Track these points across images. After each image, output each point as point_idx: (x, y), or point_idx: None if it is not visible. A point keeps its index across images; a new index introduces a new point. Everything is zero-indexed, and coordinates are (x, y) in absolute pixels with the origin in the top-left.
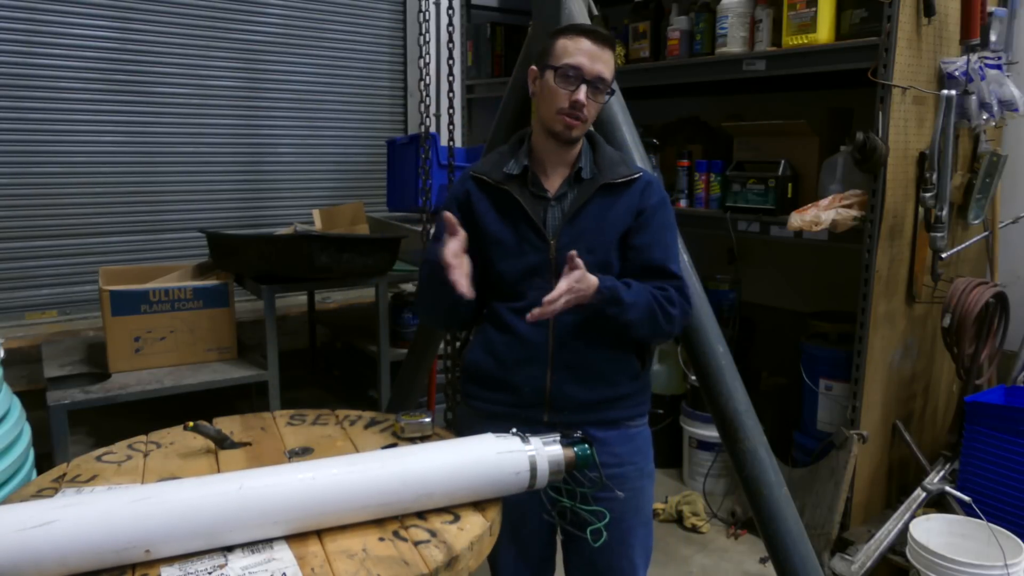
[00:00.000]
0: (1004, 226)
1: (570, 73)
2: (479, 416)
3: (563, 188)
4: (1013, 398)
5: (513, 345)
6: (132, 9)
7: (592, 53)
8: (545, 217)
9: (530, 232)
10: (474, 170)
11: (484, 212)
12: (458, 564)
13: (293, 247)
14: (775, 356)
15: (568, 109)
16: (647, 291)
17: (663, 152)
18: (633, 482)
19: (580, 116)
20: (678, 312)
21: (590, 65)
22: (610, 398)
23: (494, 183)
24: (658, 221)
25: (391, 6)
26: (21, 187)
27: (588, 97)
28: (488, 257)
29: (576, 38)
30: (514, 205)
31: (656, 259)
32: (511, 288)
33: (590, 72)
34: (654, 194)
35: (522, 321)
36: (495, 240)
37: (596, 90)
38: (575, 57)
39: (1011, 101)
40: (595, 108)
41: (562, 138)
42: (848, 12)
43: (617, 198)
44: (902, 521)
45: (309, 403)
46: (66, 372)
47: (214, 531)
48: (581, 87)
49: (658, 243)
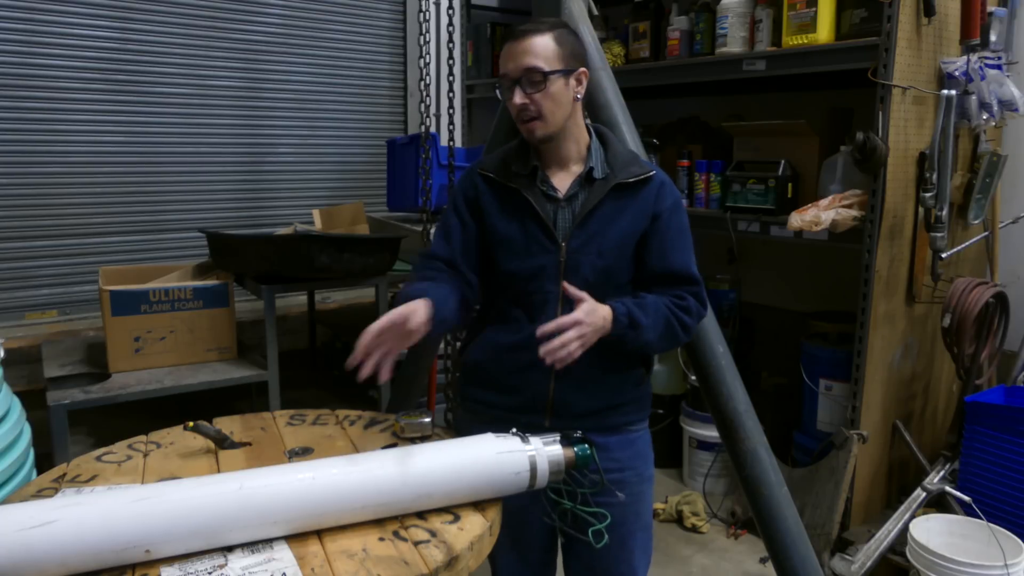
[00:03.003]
0: (1004, 226)
1: (501, 83)
2: (479, 421)
3: (574, 188)
4: (1013, 398)
5: (517, 349)
6: (132, 9)
7: (512, 51)
8: (555, 218)
9: (539, 232)
10: (481, 167)
11: (491, 210)
12: (458, 564)
13: (293, 247)
14: (775, 356)
15: (517, 115)
16: (662, 306)
17: (663, 152)
18: (633, 487)
19: (529, 116)
20: (693, 320)
21: (513, 64)
22: (613, 405)
23: (502, 181)
24: (675, 224)
25: (391, 6)
26: (21, 187)
27: (527, 94)
28: (494, 256)
29: (504, 46)
30: (523, 204)
31: (676, 264)
32: (518, 288)
33: (515, 71)
34: (668, 196)
35: (528, 323)
36: (502, 239)
37: (532, 83)
38: (502, 65)
39: (1011, 101)
40: (547, 99)
41: (531, 142)
42: (848, 12)
43: (630, 199)
44: (902, 521)
45: (309, 403)
46: (66, 372)
47: (214, 531)
48: (514, 91)
49: (676, 247)
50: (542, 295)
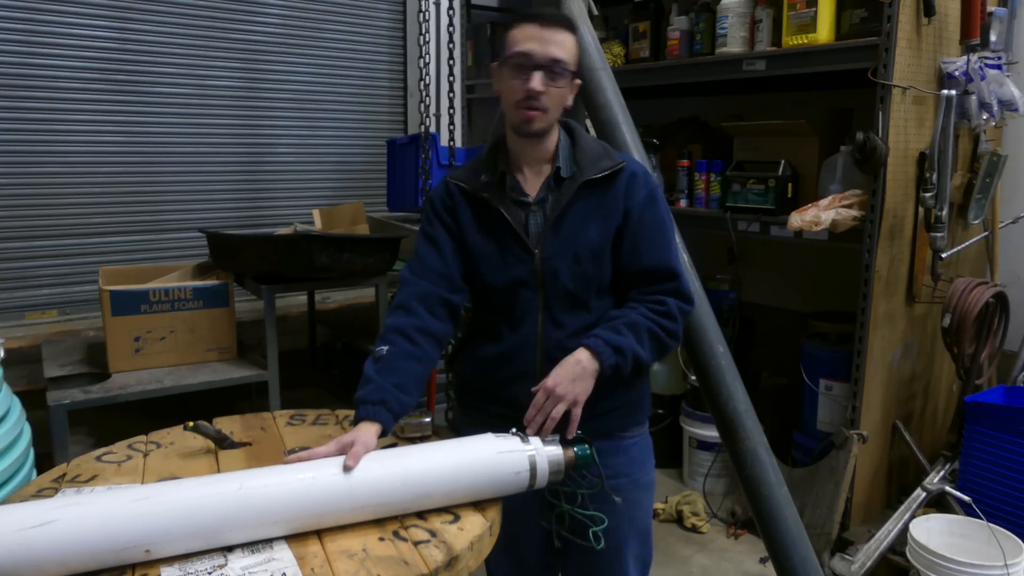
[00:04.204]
0: (1004, 226)
1: (520, 61)
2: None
3: (543, 191)
4: (1013, 398)
5: (501, 361)
6: (132, 9)
7: (542, 36)
8: (527, 224)
9: (512, 243)
10: (452, 177)
11: (466, 223)
12: (458, 564)
13: (293, 247)
14: (775, 356)
15: (524, 100)
16: (640, 319)
17: (663, 152)
18: (627, 494)
19: (537, 105)
20: (678, 324)
21: (541, 49)
22: (603, 410)
23: (472, 190)
24: (649, 218)
25: (391, 6)
26: (21, 187)
27: (546, 83)
28: (473, 269)
29: (523, 25)
30: (494, 214)
31: (651, 261)
32: (498, 300)
33: (542, 56)
34: (641, 188)
35: (511, 333)
36: (478, 253)
37: (553, 74)
38: (524, 44)
39: (1011, 101)
40: (558, 95)
41: (522, 132)
42: (848, 12)
43: (602, 195)
44: (902, 521)
45: (309, 403)
46: (66, 372)
47: (214, 531)
48: (534, 74)
49: (652, 243)
50: (522, 306)
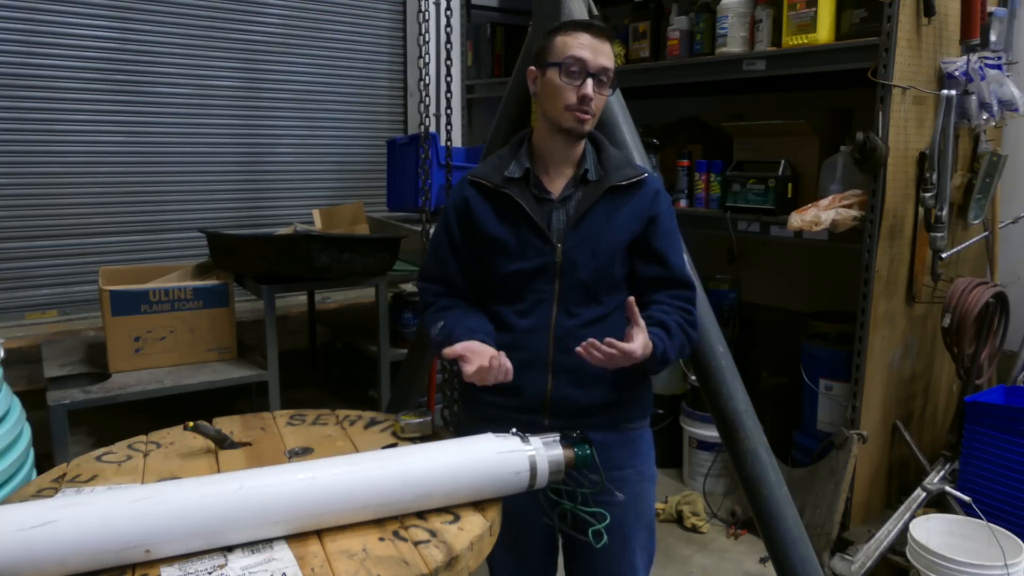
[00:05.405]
0: (1004, 226)
1: (574, 68)
2: (478, 420)
3: (568, 190)
4: (1013, 398)
5: (513, 349)
6: (132, 9)
7: (594, 46)
8: (550, 220)
9: (532, 235)
10: (472, 175)
11: (485, 217)
12: (458, 564)
13: (293, 247)
14: (775, 356)
15: (577, 104)
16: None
17: (663, 152)
18: (633, 486)
19: (589, 110)
20: (696, 334)
21: (593, 58)
22: (611, 402)
23: (494, 187)
24: (672, 227)
25: (391, 6)
26: (21, 187)
27: (595, 89)
28: (489, 261)
29: (575, 33)
30: (516, 208)
31: (674, 268)
32: (513, 291)
33: (594, 65)
34: (663, 199)
35: (523, 324)
36: (497, 244)
37: (600, 83)
38: (577, 51)
39: (1011, 101)
40: (601, 101)
41: (574, 133)
42: (848, 12)
43: (624, 201)
44: (902, 521)
45: (309, 403)
46: (66, 372)
47: (214, 531)
48: (587, 80)
49: (673, 250)
50: (537, 295)
